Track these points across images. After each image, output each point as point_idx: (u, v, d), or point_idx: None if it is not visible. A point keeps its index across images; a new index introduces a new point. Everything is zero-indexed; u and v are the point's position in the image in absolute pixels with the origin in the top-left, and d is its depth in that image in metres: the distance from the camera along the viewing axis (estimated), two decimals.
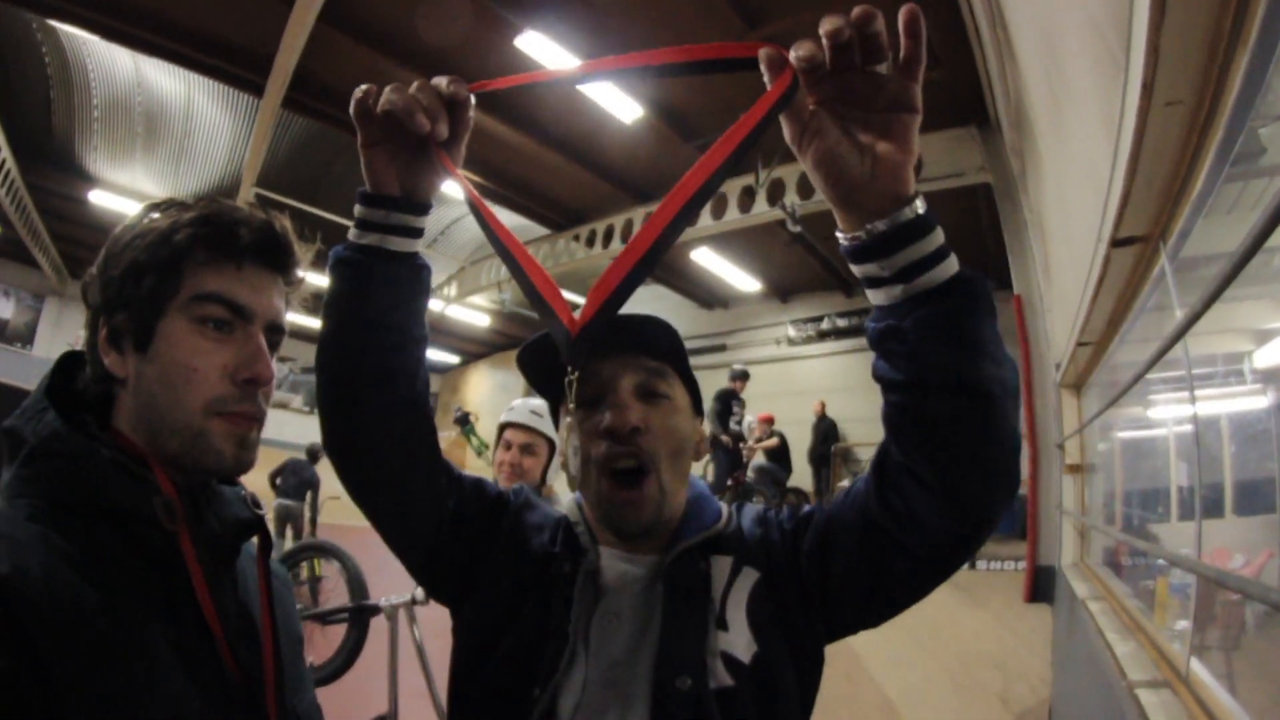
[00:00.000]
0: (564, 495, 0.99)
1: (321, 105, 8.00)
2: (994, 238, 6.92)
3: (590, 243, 10.20)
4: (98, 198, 12.39)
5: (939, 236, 0.68)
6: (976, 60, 5.15)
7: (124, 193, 12.44)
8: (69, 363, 0.76)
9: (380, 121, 0.74)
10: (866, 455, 7.56)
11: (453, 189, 0.83)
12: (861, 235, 0.69)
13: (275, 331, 0.78)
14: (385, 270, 0.79)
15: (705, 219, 8.59)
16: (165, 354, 0.70)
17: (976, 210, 7.55)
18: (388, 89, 0.73)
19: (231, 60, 7.52)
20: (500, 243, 0.71)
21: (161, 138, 11.43)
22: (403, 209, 0.79)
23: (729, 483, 7.75)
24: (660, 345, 0.90)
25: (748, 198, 8.16)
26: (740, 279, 11.35)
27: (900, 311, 0.69)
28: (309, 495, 7.69)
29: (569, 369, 0.71)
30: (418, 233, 0.81)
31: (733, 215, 8.42)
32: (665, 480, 0.85)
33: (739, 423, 7.95)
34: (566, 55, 6.27)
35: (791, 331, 12.31)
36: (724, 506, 0.96)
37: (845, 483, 8.35)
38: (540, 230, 10.85)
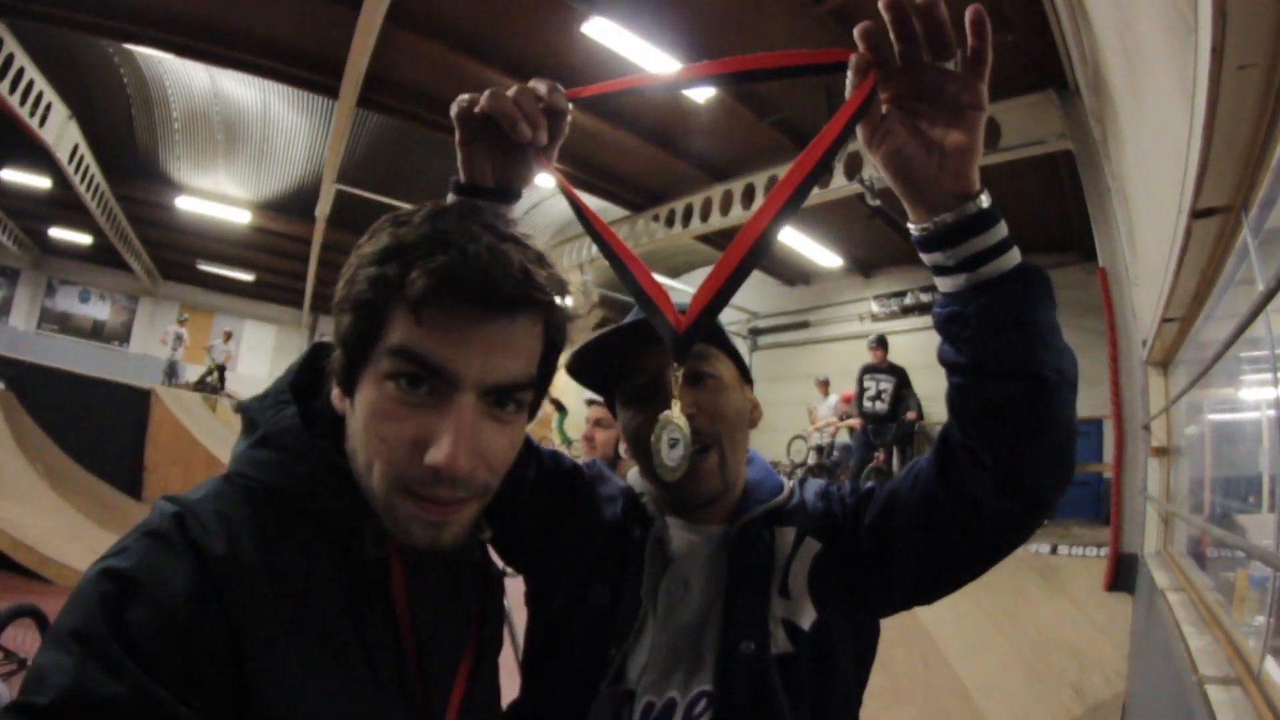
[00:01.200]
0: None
1: (395, 102, 8.24)
2: (1077, 207, 6.57)
3: (670, 222, 10.16)
4: (184, 203, 13.21)
5: (1002, 229, 0.71)
6: (1050, 22, 4.86)
7: (209, 196, 13.22)
8: (320, 352, 0.73)
9: (480, 122, 0.75)
10: None
11: (542, 177, 0.84)
12: (929, 226, 0.72)
13: (503, 391, 0.63)
14: None
15: None
16: (361, 411, 0.63)
17: (1059, 179, 7.19)
18: (488, 94, 0.73)
19: (304, 66, 7.83)
20: (605, 242, 0.74)
21: (241, 143, 12.01)
22: (496, 198, 0.79)
23: (870, 462, 7.62)
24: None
25: (826, 172, 7.95)
26: (822, 255, 11.12)
27: (964, 299, 0.72)
28: None
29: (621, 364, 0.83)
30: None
31: (812, 191, 8.23)
32: (725, 452, 0.90)
33: (874, 398, 7.70)
34: (633, 39, 6.25)
35: (875, 307, 12.02)
36: (786, 480, 1.01)
37: None
38: (620, 211, 10.89)
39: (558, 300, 0.65)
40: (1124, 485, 4.98)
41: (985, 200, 0.70)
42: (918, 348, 11.01)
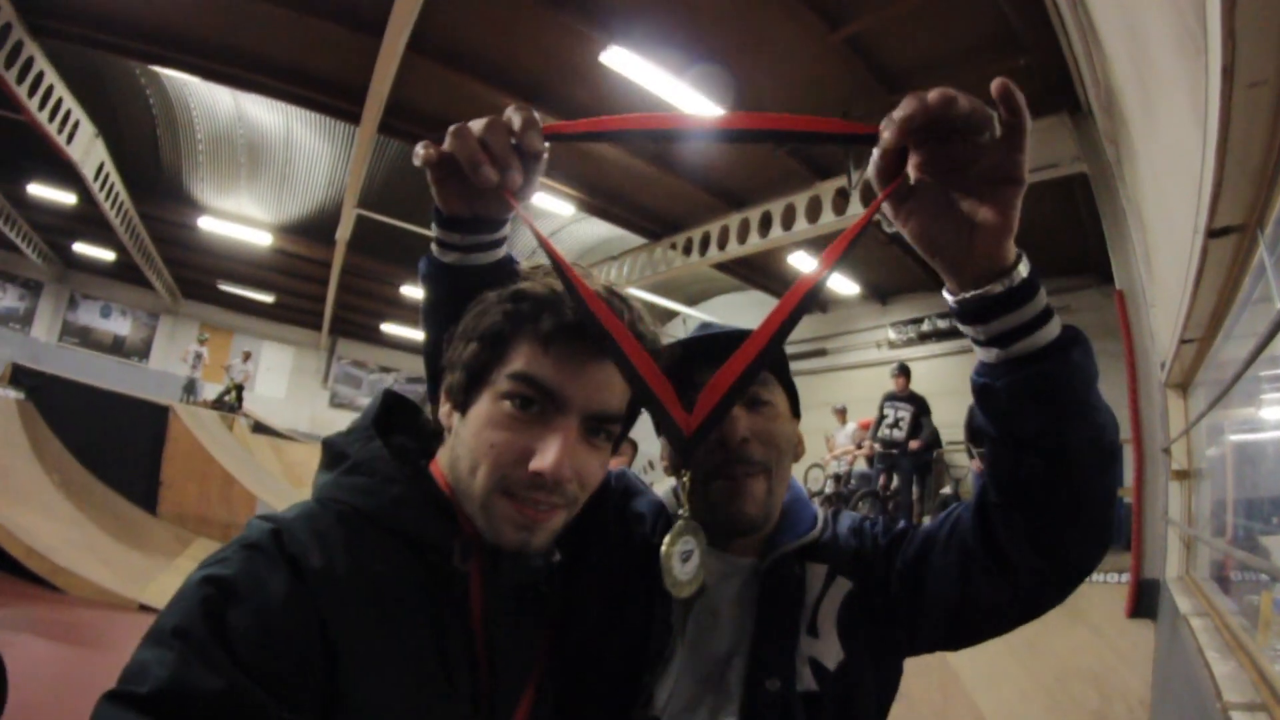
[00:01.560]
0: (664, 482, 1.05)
1: (415, 129, 8.38)
2: (1094, 230, 6.56)
3: (687, 251, 10.21)
4: (206, 223, 13.42)
5: (1039, 303, 0.68)
6: (1062, 44, 4.89)
7: (231, 218, 13.44)
8: (391, 398, 0.83)
9: (447, 162, 0.71)
10: (966, 462, 7.28)
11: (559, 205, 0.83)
12: (958, 303, 0.70)
13: (600, 420, 0.73)
14: (472, 281, 0.79)
15: (800, 223, 8.49)
16: (474, 422, 0.72)
17: (1074, 201, 7.18)
18: (452, 132, 0.69)
19: (327, 92, 8.01)
20: (604, 328, 0.68)
21: (264, 166, 12.25)
22: (478, 230, 0.78)
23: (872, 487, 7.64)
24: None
25: (841, 199, 7.99)
26: (838, 282, 11.19)
27: (997, 372, 0.70)
28: None
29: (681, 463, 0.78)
30: (498, 244, 0.81)
31: (828, 218, 8.26)
32: (773, 480, 0.91)
33: (891, 425, 7.79)
34: (651, 69, 6.34)
35: (892, 334, 12.02)
36: (820, 512, 1.00)
37: (947, 489, 8.06)
38: (637, 240, 10.98)
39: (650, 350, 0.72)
40: (1144, 510, 4.90)
41: (1023, 271, 0.67)
42: (935, 374, 10.97)
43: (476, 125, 0.68)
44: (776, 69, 6.78)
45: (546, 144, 0.70)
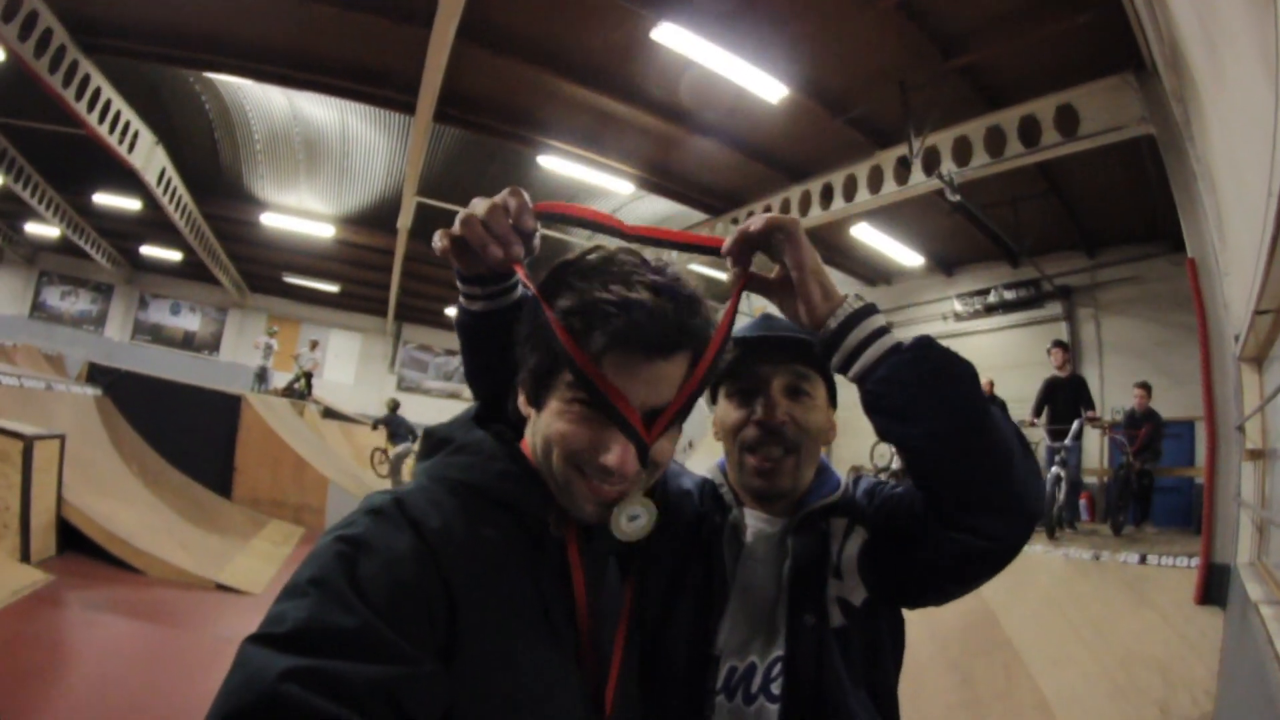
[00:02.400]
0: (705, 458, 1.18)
1: (471, 116, 8.53)
2: (1163, 195, 6.21)
3: None
4: (269, 219, 13.93)
5: (862, 330, 0.87)
6: None
7: (293, 212, 13.92)
8: (480, 409, 0.92)
9: (460, 243, 0.84)
10: (1036, 437, 7.10)
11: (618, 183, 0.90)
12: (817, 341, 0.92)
13: (659, 412, 0.78)
14: (502, 319, 0.91)
15: (862, 193, 8.35)
16: (546, 416, 0.79)
17: (1142, 165, 6.87)
18: (460, 220, 0.83)
19: (380, 85, 8.17)
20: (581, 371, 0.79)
21: (322, 161, 12.61)
22: (496, 282, 0.91)
23: None
24: (809, 355, 1.06)
25: (903, 169, 7.78)
26: (902, 253, 10.93)
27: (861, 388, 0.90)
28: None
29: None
30: (514, 288, 0.93)
31: (890, 188, 8.07)
32: (801, 459, 1.06)
33: None
34: (704, 44, 6.27)
35: (958, 306, 11.73)
36: (844, 478, 1.15)
37: None
38: (698, 216, 10.94)
39: (705, 338, 0.80)
40: (1216, 491, 4.66)
41: (837, 319, 0.87)
42: (1003, 347, 10.67)
43: (480, 209, 0.82)
44: (830, 38, 6.63)
45: (537, 222, 0.85)
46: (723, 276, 0.96)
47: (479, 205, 0.83)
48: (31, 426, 5.15)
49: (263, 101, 11.07)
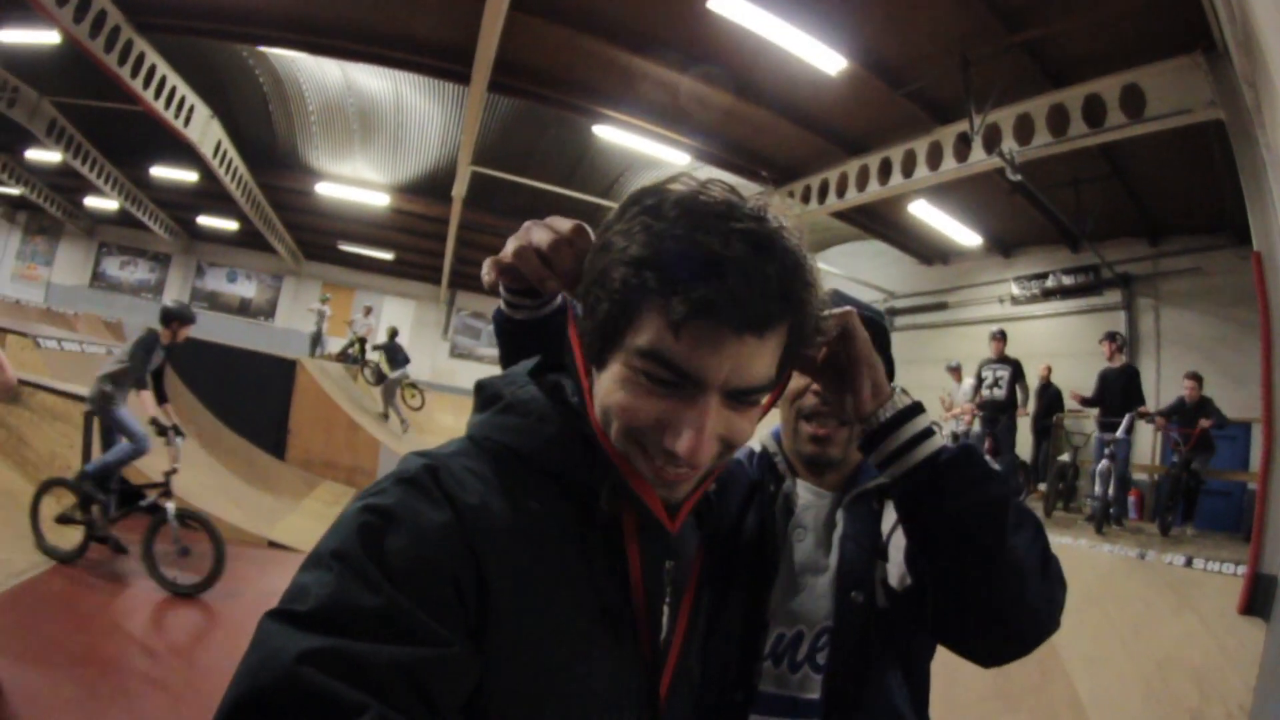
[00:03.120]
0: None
1: (526, 85, 8.49)
2: (1230, 184, 5.91)
3: (806, 198, 9.90)
4: (324, 189, 14.24)
5: (912, 428, 0.85)
6: None
7: (347, 182, 14.19)
8: (540, 362, 0.84)
9: (510, 270, 0.82)
10: (1090, 428, 7.07)
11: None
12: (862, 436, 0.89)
13: (744, 394, 0.66)
14: (542, 324, 0.92)
15: (921, 169, 8.11)
16: (608, 380, 0.68)
17: (1208, 152, 6.53)
18: (513, 252, 0.80)
19: (434, 56, 8.17)
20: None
21: (376, 131, 12.78)
22: (539, 296, 0.90)
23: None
24: (875, 329, 1.00)
25: (963, 146, 7.53)
26: (960, 233, 10.62)
27: (895, 490, 0.87)
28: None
29: None
30: (555, 296, 0.92)
31: (949, 165, 7.82)
32: (855, 432, 0.98)
33: (991, 386, 7.92)
34: (761, 14, 6.14)
35: (1015, 289, 11.35)
36: None
37: (1064, 456, 7.68)
38: (755, 188, 10.70)
39: (809, 309, 0.67)
40: (1270, 497, 4.47)
41: (885, 414, 0.85)
42: (1059, 334, 10.36)
43: (539, 240, 0.77)
44: (890, 9, 6.43)
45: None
46: None
47: (537, 234, 0.76)
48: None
49: (316, 73, 11.25)
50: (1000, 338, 8.05)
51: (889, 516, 1.08)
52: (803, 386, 1.08)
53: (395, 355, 12.80)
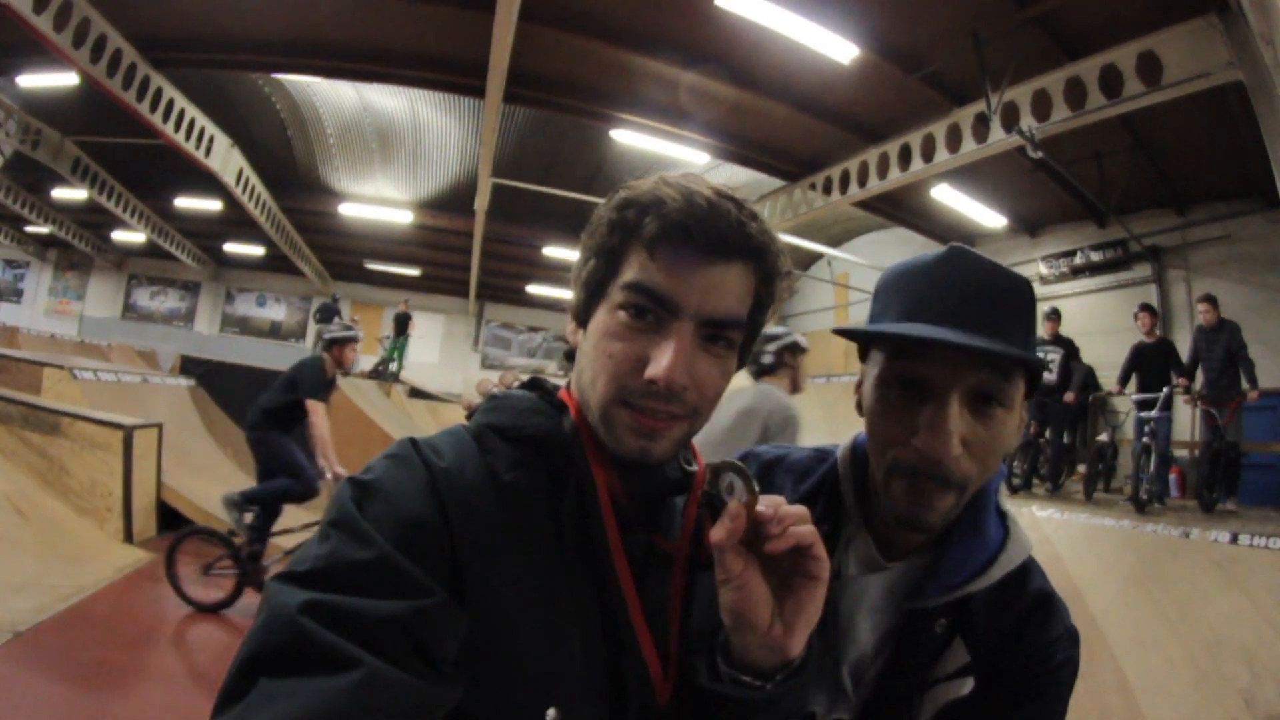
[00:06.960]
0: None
1: (541, 95, 8.55)
2: (1255, 148, 5.74)
3: (827, 190, 9.82)
4: (347, 209, 14.45)
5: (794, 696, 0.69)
6: None
7: (370, 201, 14.38)
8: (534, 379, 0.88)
9: None
10: (1125, 406, 6.93)
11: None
12: (745, 681, 0.69)
13: (715, 326, 0.71)
14: None
15: (941, 153, 8.00)
16: (592, 334, 0.74)
17: (1230, 115, 6.37)
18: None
19: (447, 71, 8.28)
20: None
21: (395, 149, 12.97)
22: None
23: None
24: (1013, 343, 0.76)
25: (982, 126, 7.41)
26: (985, 214, 10.46)
27: None
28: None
29: None
30: None
31: (969, 147, 7.69)
32: (965, 495, 0.78)
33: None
34: (770, 7, 6.14)
35: (1043, 269, 11.10)
36: (999, 538, 0.85)
37: (1103, 436, 7.51)
38: (775, 183, 10.71)
39: (769, 253, 0.73)
40: None
41: (781, 675, 0.68)
42: (1090, 311, 10.13)
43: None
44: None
45: None
46: (809, 245, 0.70)
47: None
48: (130, 417, 5.57)
49: (332, 96, 11.46)
50: (1054, 317, 7.65)
51: (948, 664, 0.82)
52: (901, 432, 0.77)
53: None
